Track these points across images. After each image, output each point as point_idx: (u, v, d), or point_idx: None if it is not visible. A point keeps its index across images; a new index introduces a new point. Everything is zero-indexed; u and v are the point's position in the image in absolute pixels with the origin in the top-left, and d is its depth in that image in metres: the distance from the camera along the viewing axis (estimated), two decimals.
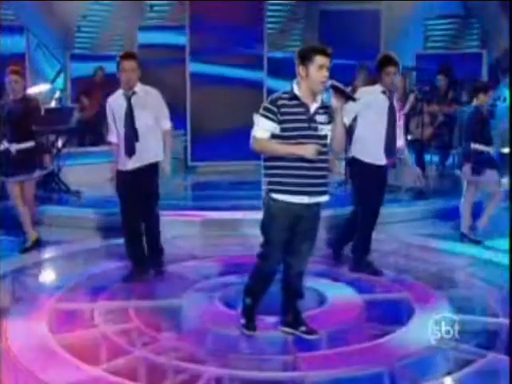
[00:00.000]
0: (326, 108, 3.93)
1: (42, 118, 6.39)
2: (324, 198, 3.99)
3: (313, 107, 3.89)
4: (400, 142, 5.43)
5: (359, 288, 5.04)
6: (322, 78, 3.80)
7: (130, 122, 5.15)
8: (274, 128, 3.85)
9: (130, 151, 5.16)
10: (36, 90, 9.78)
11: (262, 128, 3.88)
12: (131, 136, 5.15)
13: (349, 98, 3.91)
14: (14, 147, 5.94)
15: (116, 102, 5.23)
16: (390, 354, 3.89)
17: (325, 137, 3.92)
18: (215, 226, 6.90)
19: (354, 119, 5.27)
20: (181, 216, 7.09)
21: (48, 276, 5.59)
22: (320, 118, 3.89)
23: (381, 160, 5.27)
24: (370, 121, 5.24)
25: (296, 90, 3.88)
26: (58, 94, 10.39)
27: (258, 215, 4.12)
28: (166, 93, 5.40)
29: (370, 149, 5.26)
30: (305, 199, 3.91)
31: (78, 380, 3.56)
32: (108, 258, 5.90)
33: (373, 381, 3.66)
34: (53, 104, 10.06)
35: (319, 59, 3.78)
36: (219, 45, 10.64)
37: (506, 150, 8.26)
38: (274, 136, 3.88)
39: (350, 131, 5.23)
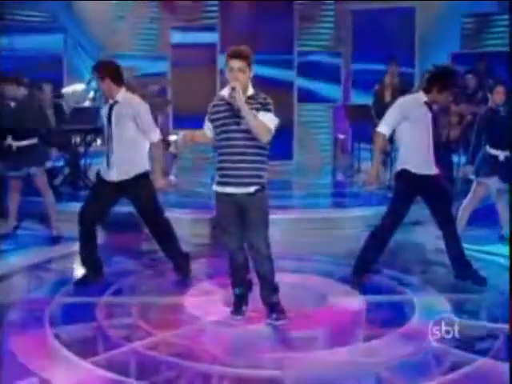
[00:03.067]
0: (253, 99, 4.09)
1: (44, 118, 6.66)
2: (247, 190, 4.11)
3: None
4: None
5: (363, 289, 5.02)
6: (231, 79, 4.04)
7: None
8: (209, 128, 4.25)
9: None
10: (70, 89, 10.08)
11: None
12: None
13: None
14: (15, 144, 6.33)
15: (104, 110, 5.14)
16: (384, 356, 3.89)
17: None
18: None
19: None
20: (190, 214, 7.20)
21: (60, 270, 5.74)
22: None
23: None
24: None
25: (224, 90, 4.15)
26: (91, 94, 10.64)
27: None
28: (196, 91, 5.33)
29: None
30: (228, 189, 4.15)
31: (65, 372, 3.68)
32: (118, 253, 6.04)
33: (365, 382, 3.68)
34: (86, 104, 10.31)
35: (229, 62, 4.07)
36: (249, 44, 10.69)
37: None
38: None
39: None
